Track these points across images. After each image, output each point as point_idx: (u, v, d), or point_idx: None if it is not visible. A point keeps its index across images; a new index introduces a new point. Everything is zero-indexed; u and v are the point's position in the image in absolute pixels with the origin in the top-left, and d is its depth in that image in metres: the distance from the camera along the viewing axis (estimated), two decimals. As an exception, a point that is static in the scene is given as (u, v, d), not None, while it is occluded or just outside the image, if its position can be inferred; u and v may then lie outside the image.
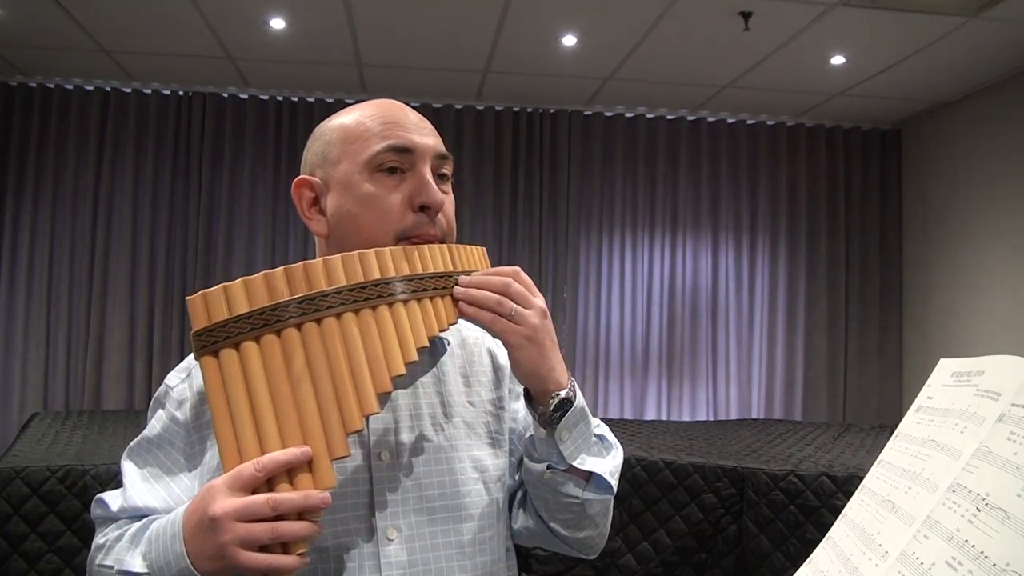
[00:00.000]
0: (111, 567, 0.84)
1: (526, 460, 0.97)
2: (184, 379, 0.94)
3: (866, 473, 0.81)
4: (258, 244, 4.74)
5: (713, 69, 4.25)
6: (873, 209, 5.17)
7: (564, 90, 4.67)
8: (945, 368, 0.80)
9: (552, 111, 5.00)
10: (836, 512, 0.88)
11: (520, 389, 1.01)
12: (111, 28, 3.80)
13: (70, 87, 4.62)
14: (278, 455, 0.74)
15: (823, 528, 0.91)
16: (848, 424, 4.60)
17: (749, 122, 5.14)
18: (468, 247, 0.94)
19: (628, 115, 5.06)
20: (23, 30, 3.84)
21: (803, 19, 3.52)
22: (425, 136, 0.93)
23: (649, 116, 5.08)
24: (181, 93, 4.71)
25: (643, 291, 5.05)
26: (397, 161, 0.91)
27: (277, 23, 3.71)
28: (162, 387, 0.96)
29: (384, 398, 0.82)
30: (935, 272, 4.81)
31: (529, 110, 5.00)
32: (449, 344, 1.03)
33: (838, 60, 4.03)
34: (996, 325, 4.26)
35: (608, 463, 0.94)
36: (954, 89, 4.44)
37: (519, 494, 1.05)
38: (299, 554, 0.74)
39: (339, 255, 0.82)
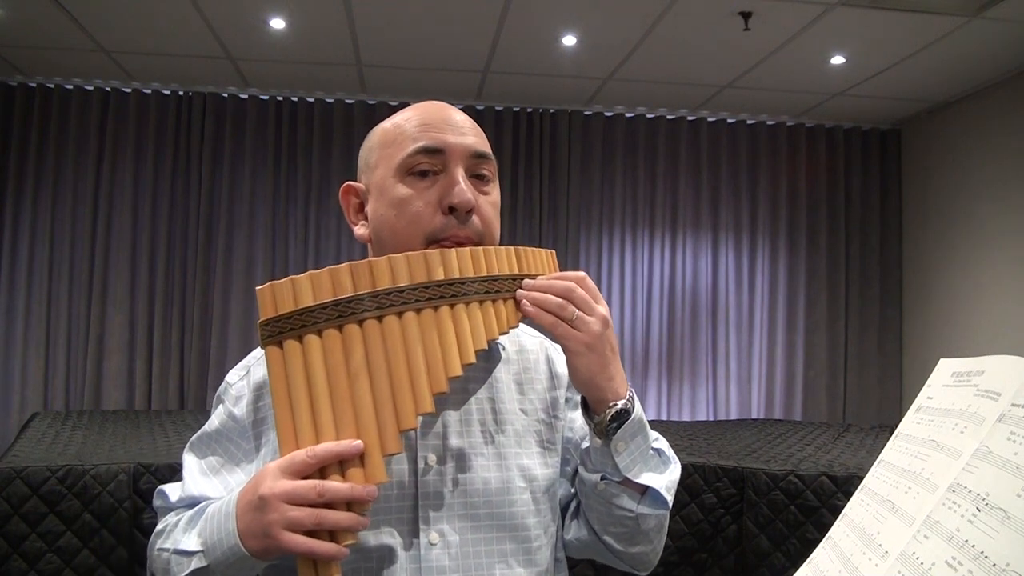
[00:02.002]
0: (168, 548, 0.87)
1: (580, 470, 0.95)
2: (243, 376, 0.96)
3: (866, 473, 0.81)
4: (258, 244, 4.74)
5: (713, 69, 4.25)
6: (873, 209, 5.18)
7: (564, 90, 4.67)
8: (945, 368, 0.80)
9: (552, 111, 5.00)
10: (836, 512, 0.88)
11: (578, 398, 0.99)
12: (111, 28, 3.80)
13: (70, 87, 4.62)
14: (330, 445, 0.76)
15: (823, 528, 0.91)
16: (848, 424, 4.60)
17: (749, 122, 5.14)
18: (536, 250, 0.94)
19: (628, 115, 5.06)
20: (23, 30, 3.84)
21: (803, 19, 3.52)
22: (462, 136, 0.92)
23: (649, 116, 5.08)
24: (181, 93, 4.72)
25: (643, 291, 5.05)
26: (428, 163, 0.90)
27: (277, 23, 3.71)
28: (223, 384, 0.98)
29: (439, 399, 0.83)
30: (935, 272, 4.81)
31: (529, 110, 5.00)
32: (505, 350, 1.01)
33: (838, 60, 4.03)
34: (996, 325, 4.26)
35: (665, 478, 0.92)
36: (954, 89, 4.44)
37: (573, 504, 1.03)
38: (345, 545, 0.75)
39: (405, 254, 0.83)
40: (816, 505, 2.66)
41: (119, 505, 2.49)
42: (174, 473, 2.56)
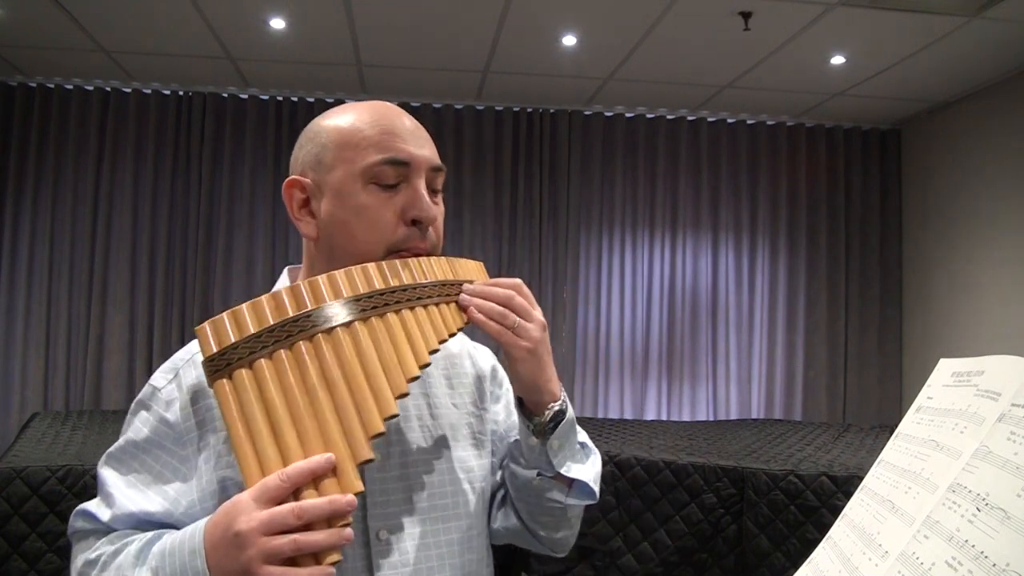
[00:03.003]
0: None
1: (513, 466, 0.98)
2: (171, 379, 0.92)
3: (866, 473, 0.81)
4: (258, 244, 4.74)
5: (713, 69, 4.25)
6: (873, 209, 5.18)
7: (564, 90, 4.67)
8: (945, 368, 0.80)
9: (552, 111, 5.00)
10: (836, 512, 0.88)
11: (500, 392, 1.06)
12: (111, 28, 3.80)
13: (70, 87, 4.62)
14: (302, 464, 0.74)
15: (823, 528, 0.91)
16: (848, 424, 4.60)
17: (749, 122, 5.14)
18: (465, 260, 0.96)
19: (628, 115, 5.06)
20: (23, 30, 3.84)
21: (803, 19, 3.52)
22: (421, 147, 0.93)
23: (649, 116, 5.08)
24: (181, 93, 4.72)
25: (643, 291, 5.05)
26: (393, 174, 0.90)
27: (277, 23, 3.71)
28: (146, 388, 0.93)
29: (403, 401, 0.83)
30: (935, 272, 4.81)
31: (529, 110, 5.00)
32: (438, 349, 1.04)
33: (838, 60, 4.03)
34: (996, 325, 4.26)
35: (590, 470, 0.97)
36: (954, 89, 4.44)
37: (500, 494, 1.06)
38: (330, 563, 0.73)
39: (342, 270, 0.84)
40: (816, 505, 2.66)
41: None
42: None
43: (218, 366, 0.78)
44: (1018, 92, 4.13)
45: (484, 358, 1.10)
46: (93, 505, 0.89)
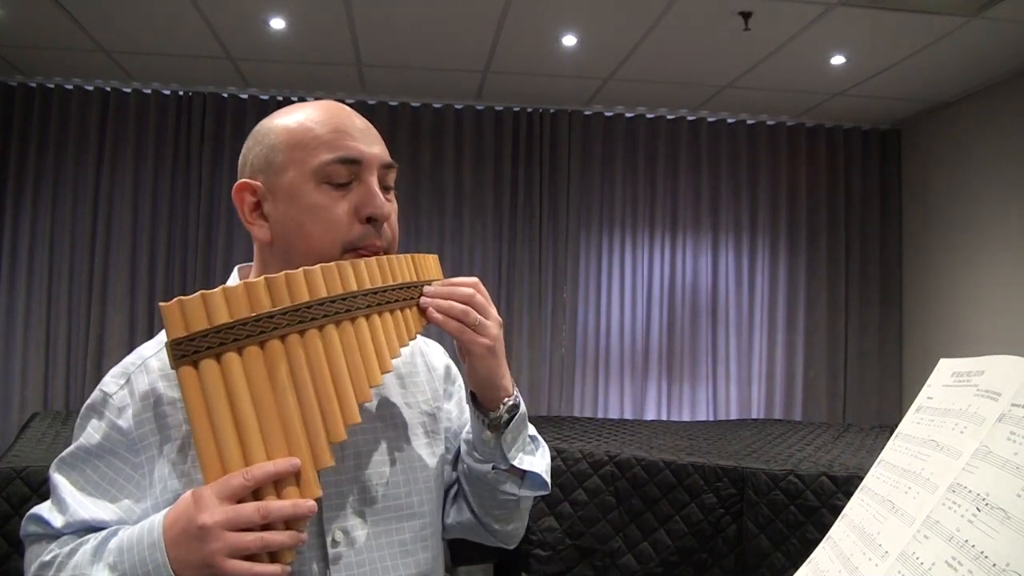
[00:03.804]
0: None
1: (468, 461, 1.00)
2: (123, 385, 0.90)
3: (866, 473, 0.81)
4: (258, 244, 4.73)
5: (713, 69, 4.25)
6: (873, 209, 5.17)
7: (564, 90, 4.67)
8: (945, 368, 0.80)
9: (552, 111, 5.00)
10: (836, 512, 0.88)
11: (452, 389, 1.08)
12: (111, 28, 3.80)
13: (70, 87, 4.62)
14: (267, 466, 0.75)
15: (823, 528, 0.91)
16: (848, 424, 4.60)
17: (749, 122, 5.14)
18: (424, 256, 0.96)
19: (628, 115, 5.06)
20: (23, 30, 3.84)
21: (803, 19, 3.52)
22: (372, 145, 0.93)
23: (649, 116, 5.08)
24: (181, 93, 4.72)
25: (643, 291, 5.05)
26: (345, 173, 0.90)
27: (277, 23, 3.71)
28: (97, 393, 0.90)
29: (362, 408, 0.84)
30: (935, 272, 4.81)
31: (529, 110, 5.00)
32: (399, 356, 1.05)
33: (838, 60, 4.03)
34: (996, 325, 4.26)
35: (541, 461, 0.99)
36: (954, 89, 4.44)
37: (453, 490, 1.08)
38: (286, 563, 0.75)
39: (319, 266, 0.83)
40: (816, 505, 2.66)
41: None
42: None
43: (185, 351, 0.75)
44: (1018, 92, 4.13)
45: (436, 356, 1.11)
46: (45, 510, 0.88)
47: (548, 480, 0.99)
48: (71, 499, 0.86)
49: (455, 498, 1.07)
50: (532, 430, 1.01)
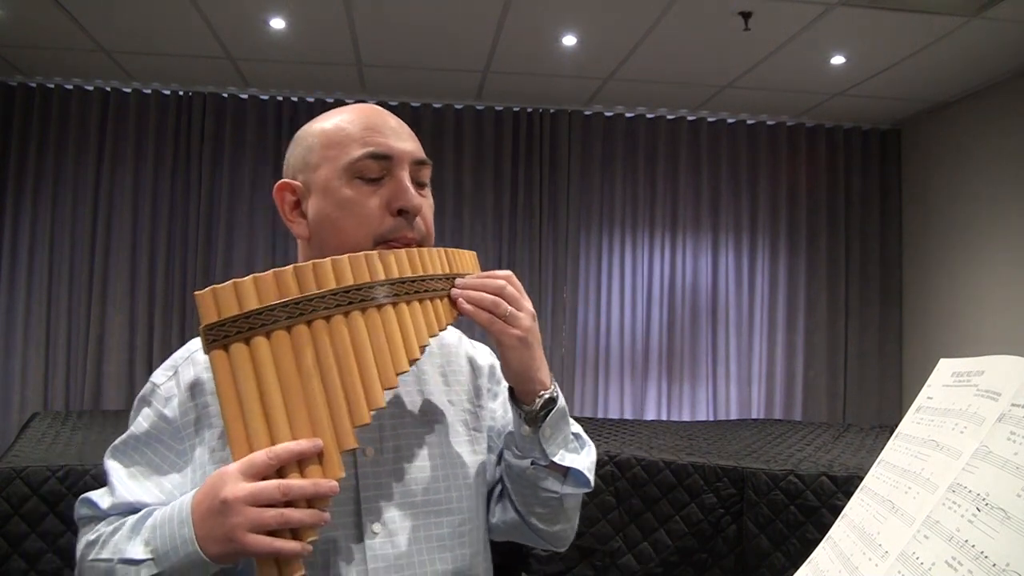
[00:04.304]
0: (109, 559, 0.85)
1: (508, 456, 1.00)
2: (171, 376, 0.95)
3: (866, 473, 0.81)
4: (258, 244, 4.74)
5: (713, 69, 4.25)
6: (873, 209, 5.17)
7: (564, 90, 4.67)
8: (945, 368, 0.80)
9: (552, 111, 5.00)
10: (836, 512, 0.88)
11: (498, 389, 1.08)
12: (111, 28, 3.80)
13: (70, 87, 4.62)
14: (291, 445, 0.77)
15: (823, 528, 0.91)
16: (848, 424, 4.60)
17: (749, 122, 5.14)
18: (461, 251, 0.97)
19: (628, 115, 5.06)
20: (23, 30, 3.84)
21: (803, 19, 3.52)
22: (404, 141, 0.95)
23: (649, 116, 5.08)
24: (181, 93, 4.72)
25: (643, 291, 5.05)
26: (376, 168, 0.93)
27: (277, 23, 3.71)
28: (148, 385, 0.96)
29: (389, 394, 0.85)
30: (935, 272, 4.81)
31: (529, 110, 5.00)
32: (428, 344, 1.05)
33: (838, 60, 4.03)
34: (996, 325, 4.26)
35: (585, 459, 0.98)
36: (954, 89, 4.44)
37: (497, 489, 1.08)
38: (308, 541, 0.76)
39: (347, 255, 0.85)
40: (816, 505, 2.66)
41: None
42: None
43: (216, 336, 0.79)
44: (1018, 92, 4.13)
45: (483, 356, 1.12)
46: (96, 494, 0.94)
47: (591, 478, 0.98)
48: (119, 483, 0.92)
49: (500, 497, 1.07)
50: (576, 428, 1.01)
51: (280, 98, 4.82)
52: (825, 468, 2.78)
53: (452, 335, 1.10)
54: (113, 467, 0.94)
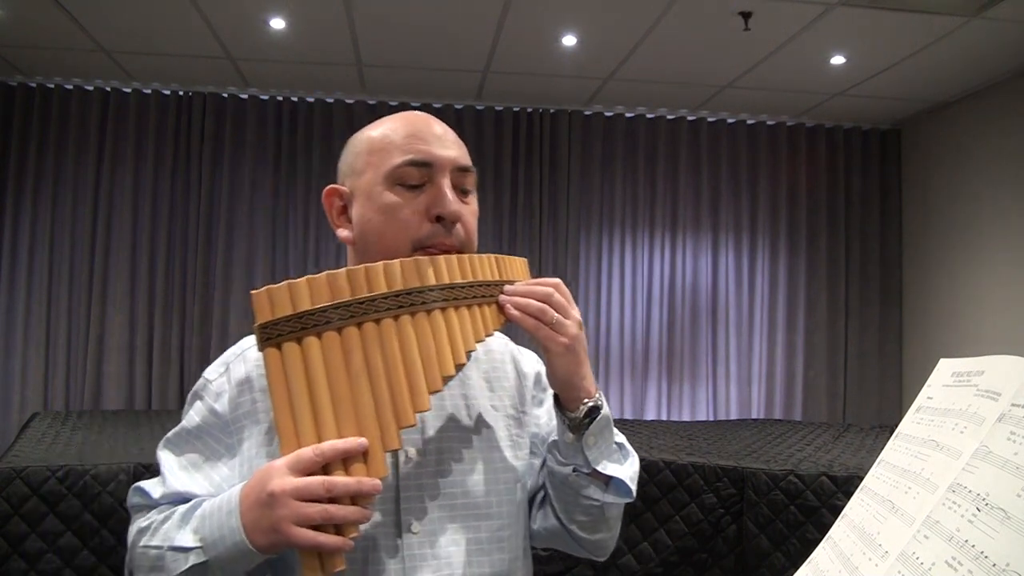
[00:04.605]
0: (159, 546, 0.88)
1: (551, 463, 1.00)
2: (223, 373, 0.99)
3: (866, 473, 0.81)
4: (258, 244, 4.74)
5: (713, 69, 4.25)
6: (873, 209, 5.17)
7: (564, 90, 4.67)
8: (945, 368, 0.80)
9: (552, 111, 5.00)
10: (836, 512, 0.88)
11: (543, 395, 1.09)
12: (111, 28, 3.80)
13: (70, 87, 4.62)
14: (337, 443, 0.79)
15: (823, 528, 0.91)
16: (848, 424, 4.60)
17: (749, 122, 5.14)
18: (511, 258, 0.99)
19: (628, 115, 5.06)
20: (23, 30, 3.84)
21: (803, 19, 3.52)
22: (447, 149, 0.97)
23: (649, 116, 5.08)
24: (181, 93, 4.72)
25: (643, 291, 5.05)
26: (417, 174, 0.95)
27: (277, 23, 3.71)
28: (200, 381, 1.00)
29: (433, 397, 0.87)
30: (935, 272, 4.81)
31: (529, 110, 5.00)
32: (475, 350, 1.06)
33: (838, 60, 4.03)
34: (996, 325, 4.26)
35: (628, 469, 0.99)
36: (954, 89, 4.44)
37: (540, 496, 1.08)
38: (350, 537, 0.79)
39: (398, 260, 0.87)
40: (816, 505, 2.66)
41: (119, 505, 2.49)
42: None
43: (269, 334, 0.81)
44: (1018, 92, 4.13)
45: (529, 363, 1.12)
46: (149, 484, 0.97)
47: (633, 488, 0.99)
48: (170, 474, 0.95)
49: (541, 503, 1.08)
50: (620, 437, 1.02)
51: (280, 98, 4.82)
52: (825, 468, 2.78)
53: (498, 340, 1.11)
54: (165, 458, 0.97)
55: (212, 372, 1.00)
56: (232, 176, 4.73)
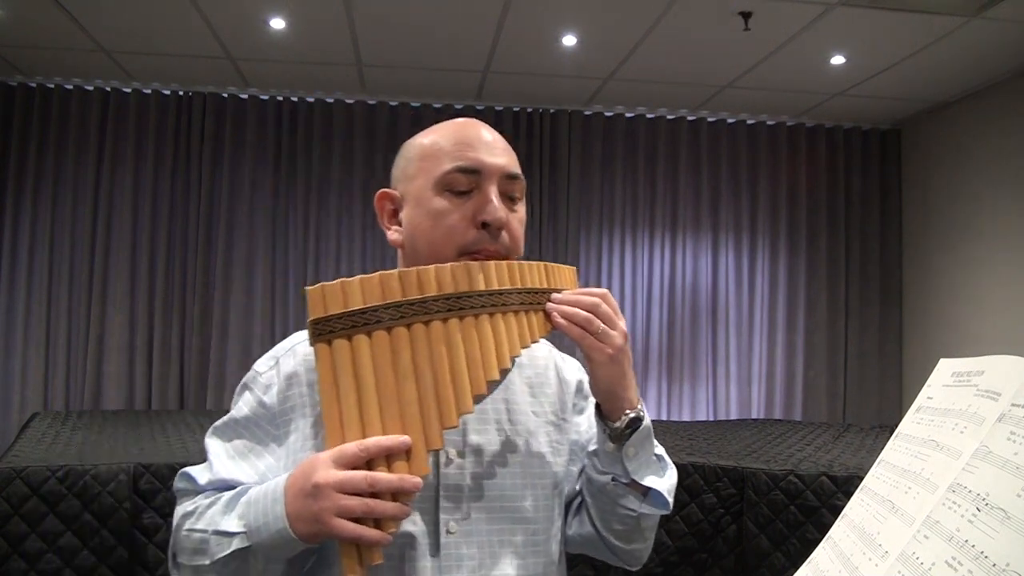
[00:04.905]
0: (204, 530, 0.90)
1: (590, 471, 1.02)
2: (272, 366, 1.01)
3: (866, 473, 0.81)
4: (258, 244, 4.74)
5: (713, 69, 4.25)
6: (873, 209, 5.17)
7: (564, 90, 4.67)
8: (945, 368, 0.80)
9: (552, 111, 5.00)
10: (836, 512, 0.88)
11: (585, 404, 1.10)
12: (111, 28, 3.80)
13: (70, 87, 4.62)
14: (381, 440, 0.82)
15: (823, 528, 0.91)
16: (848, 424, 4.60)
17: (749, 122, 5.14)
18: (560, 266, 1.00)
19: (628, 115, 5.06)
20: (23, 30, 3.84)
21: (803, 19, 3.52)
22: (496, 156, 0.98)
23: (649, 116, 5.08)
24: (181, 93, 4.72)
25: (643, 291, 5.05)
26: (465, 181, 0.96)
27: (277, 23, 3.71)
28: (250, 373, 1.03)
29: (478, 399, 0.89)
30: (935, 272, 4.81)
31: (529, 110, 5.00)
32: (519, 355, 1.07)
33: (838, 60, 4.03)
34: (996, 325, 4.26)
35: (666, 481, 1.00)
36: (954, 89, 4.44)
37: (576, 502, 1.10)
38: (388, 532, 0.81)
39: (450, 264, 0.89)
40: (816, 505, 2.66)
41: (119, 505, 2.49)
42: (174, 473, 2.56)
43: (321, 330, 0.84)
44: (1018, 92, 4.13)
45: (571, 370, 1.13)
46: (195, 470, 0.99)
47: (670, 501, 1.00)
48: (217, 461, 0.98)
49: (578, 510, 1.09)
50: (660, 449, 1.02)
51: (280, 98, 4.82)
52: (825, 468, 2.78)
53: (542, 347, 1.12)
54: (213, 445, 0.99)
55: (262, 365, 1.02)
56: (232, 176, 4.73)
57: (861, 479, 0.81)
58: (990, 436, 0.64)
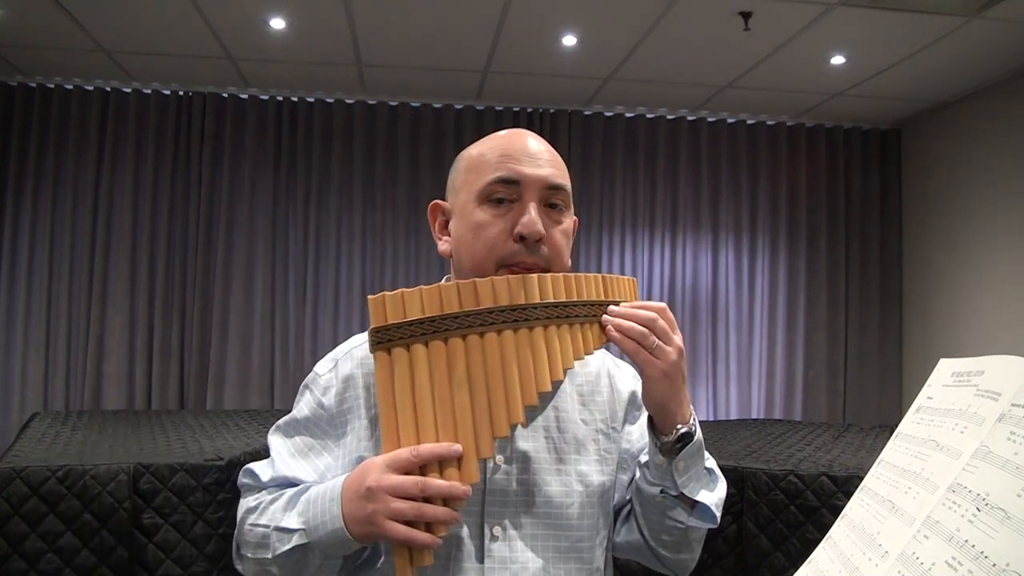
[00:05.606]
0: (266, 525, 0.94)
1: (640, 481, 1.02)
2: (331, 368, 1.04)
3: (866, 473, 0.81)
4: (258, 244, 4.74)
5: (713, 69, 4.25)
6: (873, 209, 5.18)
7: (564, 90, 4.67)
8: (945, 368, 0.80)
9: (552, 111, 5.00)
10: (836, 512, 0.88)
11: (637, 414, 1.10)
12: (111, 28, 3.80)
13: (70, 87, 4.62)
14: (434, 447, 0.85)
15: (823, 528, 0.91)
16: (848, 424, 4.60)
17: (749, 122, 5.14)
18: (620, 278, 1.00)
19: (628, 115, 5.06)
20: (23, 30, 3.84)
21: (803, 19, 3.52)
22: (538, 167, 0.99)
23: (649, 116, 5.08)
24: (181, 93, 4.72)
25: (643, 291, 5.05)
26: (504, 192, 0.97)
27: (277, 23, 3.71)
28: (311, 374, 1.06)
29: (529, 410, 0.90)
30: (935, 272, 4.81)
31: (529, 110, 5.00)
32: (572, 367, 1.07)
33: (838, 60, 4.03)
34: (996, 325, 4.26)
35: (715, 496, 1.00)
36: (954, 89, 4.44)
37: (625, 510, 1.10)
38: (438, 536, 0.84)
39: (506, 276, 0.91)
40: (816, 505, 2.66)
41: (119, 505, 2.49)
42: (174, 473, 2.56)
43: (381, 338, 0.87)
44: (1018, 92, 4.13)
45: (624, 379, 1.13)
46: (258, 466, 1.03)
47: (718, 516, 1.00)
48: (279, 459, 1.01)
49: (627, 518, 1.10)
50: (711, 463, 1.02)
51: (280, 98, 4.82)
52: (825, 468, 2.78)
53: (595, 357, 1.11)
54: (276, 443, 1.03)
55: (322, 367, 1.05)
56: (232, 176, 4.73)
57: (861, 479, 0.81)
58: (990, 436, 0.64)
